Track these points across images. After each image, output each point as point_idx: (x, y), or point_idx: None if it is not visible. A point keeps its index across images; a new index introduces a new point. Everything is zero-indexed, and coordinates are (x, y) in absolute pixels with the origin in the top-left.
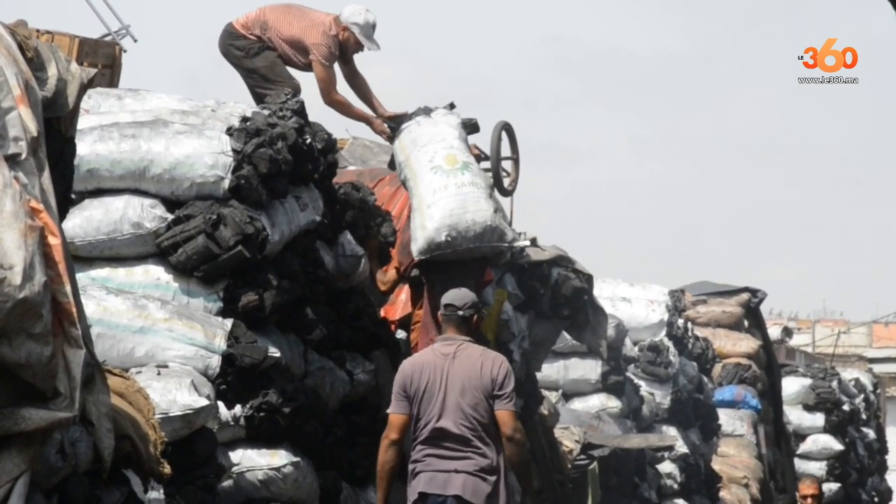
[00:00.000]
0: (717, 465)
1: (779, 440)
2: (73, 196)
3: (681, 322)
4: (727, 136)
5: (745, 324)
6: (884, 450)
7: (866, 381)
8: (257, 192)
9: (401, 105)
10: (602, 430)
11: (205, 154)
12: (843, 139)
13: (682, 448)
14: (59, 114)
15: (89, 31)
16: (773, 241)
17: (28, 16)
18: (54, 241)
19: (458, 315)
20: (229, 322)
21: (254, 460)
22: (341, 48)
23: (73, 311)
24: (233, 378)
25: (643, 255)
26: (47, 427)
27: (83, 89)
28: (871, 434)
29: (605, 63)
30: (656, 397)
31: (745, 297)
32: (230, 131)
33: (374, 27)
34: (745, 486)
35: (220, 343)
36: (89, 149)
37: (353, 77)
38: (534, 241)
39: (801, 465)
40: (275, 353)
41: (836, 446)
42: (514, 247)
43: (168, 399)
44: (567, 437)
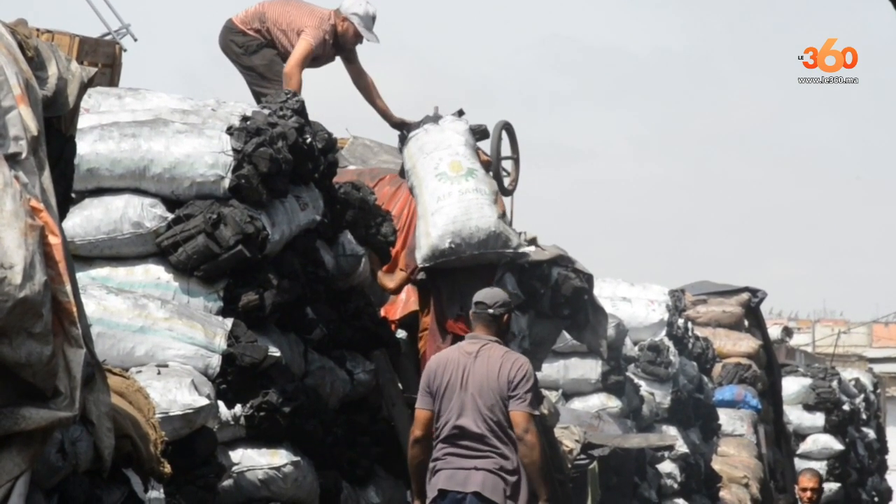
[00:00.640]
0: (717, 464)
1: (779, 440)
2: (73, 195)
3: (681, 322)
4: (727, 136)
5: (746, 323)
6: (884, 449)
7: (866, 380)
8: (257, 192)
9: (398, 105)
10: (602, 430)
11: (205, 153)
12: (843, 139)
13: (682, 448)
14: (60, 113)
15: (89, 30)
16: (774, 240)
17: (28, 15)
18: (54, 240)
19: (487, 313)
20: (229, 321)
21: (254, 460)
22: (339, 40)
23: (74, 310)
24: (233, 377)
25: (643, 254)
26: (47, 426)
27: (83, 88)
28: (871, 434)
29: (603, 62)
30: (656, 397)
31: (745, 296)
32: (230, 130)
33: (373, 19)
34: (746, 485)
35: (221, 342)
36: (89, 148)
37: (360, 78)
38: (534, 241)
39: (801, 465)
40: (275, 352)
41: (836, 446)
42: (518, 252)
43: (168, 398)
44: (567, 437)
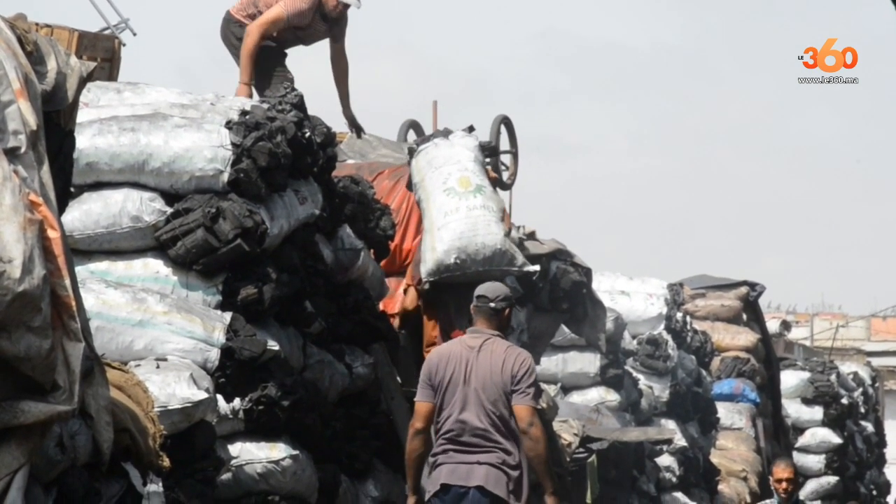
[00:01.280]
0: (715, 458)
1: (777, 433)
2: (72, 189)
3: (679, 315)
4: (724, 130)
5: (744, 317)
6: (882, 443)
7: (865, 374)
8: (256, 186)
9: (396, 102)
10: (601, 424)
11: (204, 147)
12: (841, 134)
13: (680, 441)
14: (59, 107)
15: (88, 24)
16: (772, 234)
17: (27, 9)
18: (53, 234)
19: (489, 307)
20: (228, 315)
21: (253, 453)
22: (324, 9)
23: (73, 304)
24: (232, 371)
25: (641, 249)
26: (46, 420)
27: (82, 83)
28: (869, 427)
29: (600, 57)
30: (655, 391)
31: (743, 290)
32: (229, 125)
33: None
34: (744, 479)
35: (219, 336)
36: (88, 142)
37: (339, 59)
38: (532, 235)
39: (799, 459)
40: (274, 346)
41: (834, 440)
42: (524, 271)
43: (167, 392)
44: (566, 431)
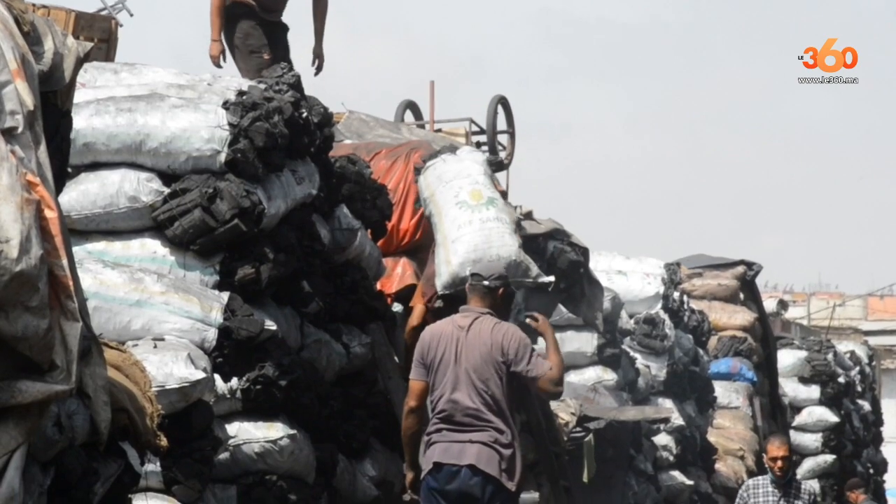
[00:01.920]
0: (712, 437)
1: (774, 412)
2: (69, 170)
3: (676, 295)
4: (722, 110)
5: (741, 296)
6: (879, 422)
7: (862, 353)
8: (254, 166)
9: (393, 83)
10: (598, 403)
11: (201, 128)
12: (838, 114)
13: (677, 420)
14: (56, 88)
15: (85, 5)
16: (769, 214)
17: None
18: (51, 214)
19: (482, 285)
20: (226, 295)
21: (250, 433)
22: None
23: (70, 284)
24: (229, 351)
25: (638, 229)
26: (44, 400)
27: (79, 63)
28: (866, 406)
29: (596, 35)
30: (652, 370)
31: (740, 269)
32: (226, 105)
33: None
34: (741, 458)
35: (217, 316)
36: (85, 123)
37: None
38: (529, 215)
39: (796, 437)
40: (271, 326)
41: (831, 418)
42: (538, 282)
43: (164, 372)
44: (563, 410)
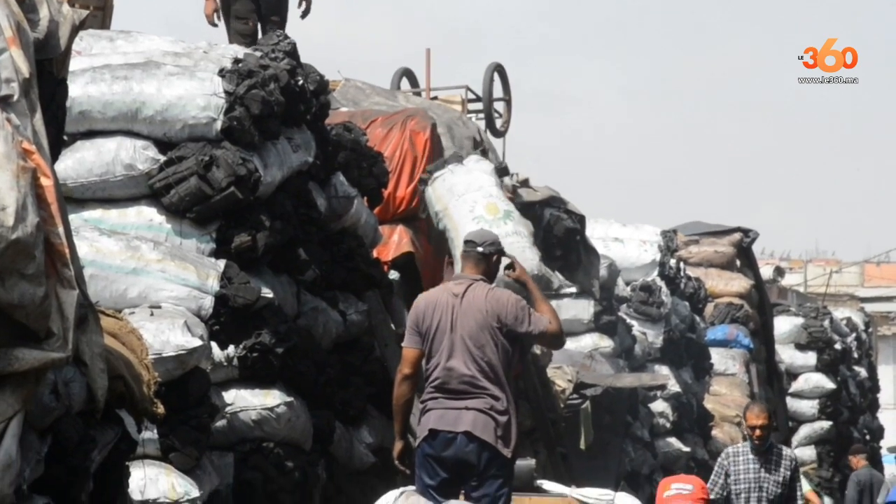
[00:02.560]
0: (709, 403)
1: (771, 379)
2: (65, 138)
3: (673, 262)
4: (719, 80)
5: (738, 263)
6: (875, 388)
7: (858, 320)
8: (249, 134)
9: (390, 54)
10: (594, 370)
11: (197, 96)
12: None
13: (674, 387)
14: (51, 55)
15: None
16: (766, 181)
17: None
18: (47, 182)
19: (477, 252)
20: (222, 263)
21: (247, 400)
22: None
23: (66, 252)
24: (226, 318)
25: (635, 195)
26: (41, 367)
27: (75, 31)
28: (862, 373)
29: (593, 7)
30: (648, 337)
31: (737, 236)
32: (222, 73)
33: None
34: (738, 424)
35: (213, 284)
36: (81, 90)
37: None
38: (525, 182)
39: (792, 404)
40: (268, 293)
41: (827, 385)
42: (560, 294)
43: (161, 339)
44: (560, 377)
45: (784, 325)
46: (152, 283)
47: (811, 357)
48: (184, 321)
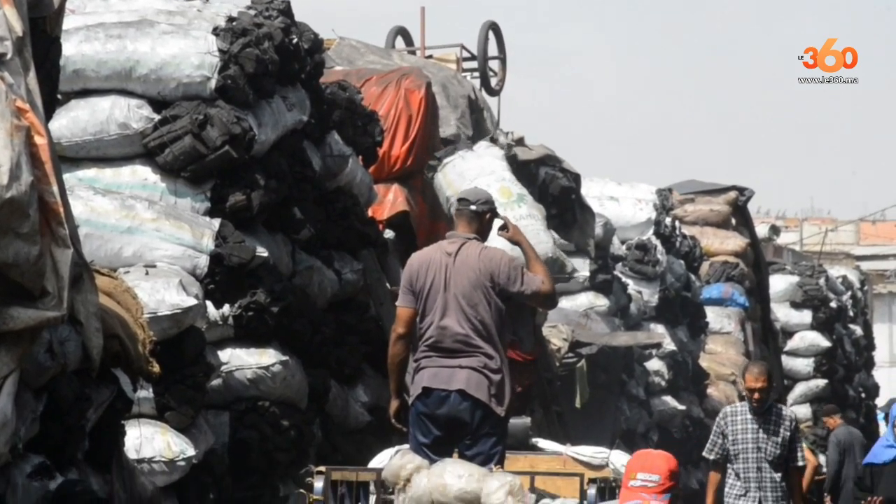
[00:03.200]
0: (704, 362)
1: (766, 337)
2: (59, 96)
3: (668, 220)
4: (715, 36)
5: (733, 222)
6: (871, 346)
7: (853, 278)
8: (244, 93)
9: (382, 10)
10: (590, 329)
11: (191, 54)
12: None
13: (669, 345)
14: (45, 13)
15: None
16: (762, 140)
17: None
18: (41, 140)
19: (470, 210)
20: (217, 222)
21: (242, 359)
22: None
23: (61, 210)
24: (221, 277)
25: (630, 154)
26: (36, 326)
27: None
28: (858, 331)
29: None
30: (644, 295)
31: (732, 195)
32: (216, 31)
33: None
34: (733, 382)
35: (208, 243)
36: (75, 49)
37: None
38: (521, 141)
39: (788, 362)
40: (262, 252)
41: (823, 343)
42: (574, 277)
43: (156, 299)
44: (555, 336)
45: (779, 284)
46: (147, 243)
47: (806, 315)
48: (179, 280)
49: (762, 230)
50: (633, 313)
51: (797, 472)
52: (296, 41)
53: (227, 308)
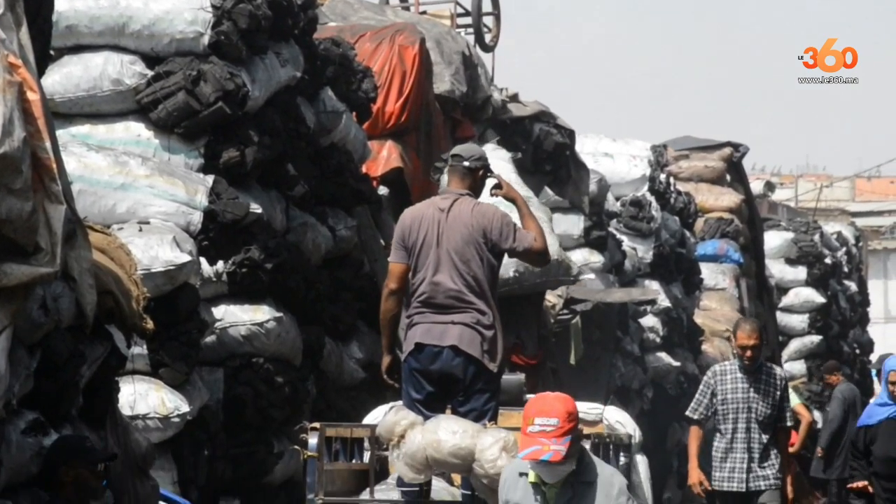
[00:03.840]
0: (699, 318)
1: (761, 294)
2: (51, 52)
3: (663, 177)
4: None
5: (728, 178)
6: (865, 302)
7: (848, 234)
8: (237, 48)
9: None
10: (585, 285)
11: (184, 10)
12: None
13: (664, 302)
14: None
15: None
16: (757, 96)
17: None
18: (33, 96)
19: (463, 166)
20: (210, 178)
21: (237, 316)
22: None
23: (54, 166)
24: (215, 234)
25: (625, 110)
26: (29, 282)
27: None
28: (852, 287)
29: None
30: (639, 252)
31: (727, 151)
32: None
33: None
34: (727, 339)
35: (202, 199)
36: (68, 4)
37: None
38: (515, 97)
39: (783, 318)
40: (256, 208)
41: (817, 299)
42: (578, 280)
43: (150, 255)
44: (550, 293)
45: (774, 240)
46: (141, 199)
47: (801, 271)
48: (172, 237)
49: (757, 186)
50: (627, 270)
51: (784, 433)
52: None
53: (220, 264)
